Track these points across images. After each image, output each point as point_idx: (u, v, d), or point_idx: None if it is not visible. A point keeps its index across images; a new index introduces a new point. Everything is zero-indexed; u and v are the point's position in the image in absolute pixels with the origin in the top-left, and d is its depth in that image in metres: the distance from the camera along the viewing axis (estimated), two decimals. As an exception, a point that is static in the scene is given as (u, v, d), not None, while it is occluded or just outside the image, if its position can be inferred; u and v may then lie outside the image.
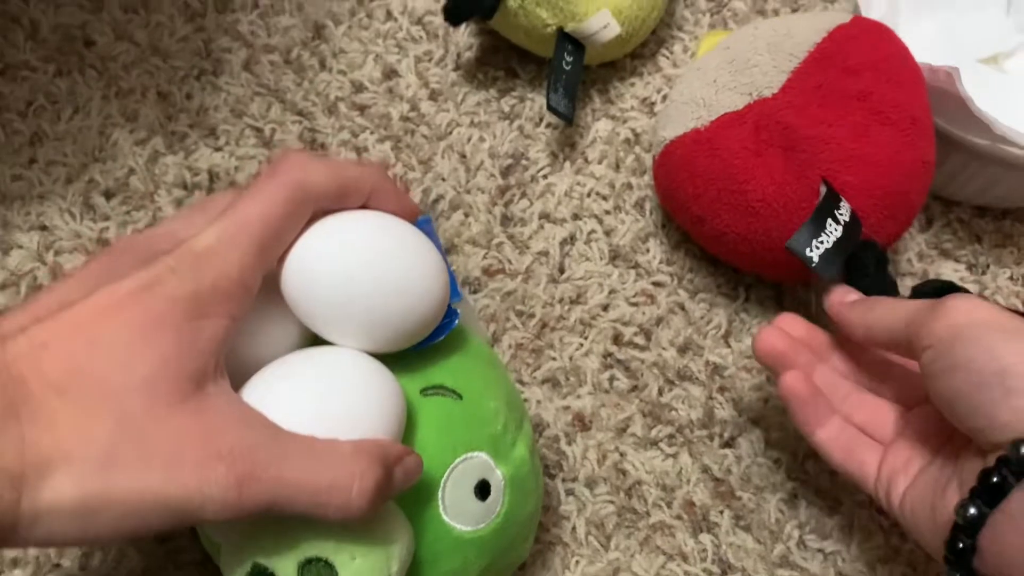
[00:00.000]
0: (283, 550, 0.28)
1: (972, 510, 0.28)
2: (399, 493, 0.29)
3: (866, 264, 0.38)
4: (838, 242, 0.37)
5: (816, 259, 0.37)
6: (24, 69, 0.50)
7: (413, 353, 0.33)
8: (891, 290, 0.37)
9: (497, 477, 0.33)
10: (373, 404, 0.29)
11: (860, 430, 0.36)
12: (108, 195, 0.48)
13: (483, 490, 0.33)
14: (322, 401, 0.29)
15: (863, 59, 0.40)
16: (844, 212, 0.38)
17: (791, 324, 0.38)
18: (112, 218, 0.47)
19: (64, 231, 0.46)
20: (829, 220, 0.37)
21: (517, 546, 0.35)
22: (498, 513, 0.33)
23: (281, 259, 0.30)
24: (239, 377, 0.29)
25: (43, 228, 0.47)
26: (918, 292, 0.37)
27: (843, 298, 0.36)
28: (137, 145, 0.49)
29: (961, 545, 0.28)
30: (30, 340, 0.25)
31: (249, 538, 0.28)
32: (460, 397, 0.33)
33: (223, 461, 0.25)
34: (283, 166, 0.29)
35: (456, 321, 0.34)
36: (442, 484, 0.32)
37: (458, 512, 0.32)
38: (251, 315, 0.30)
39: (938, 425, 0.33)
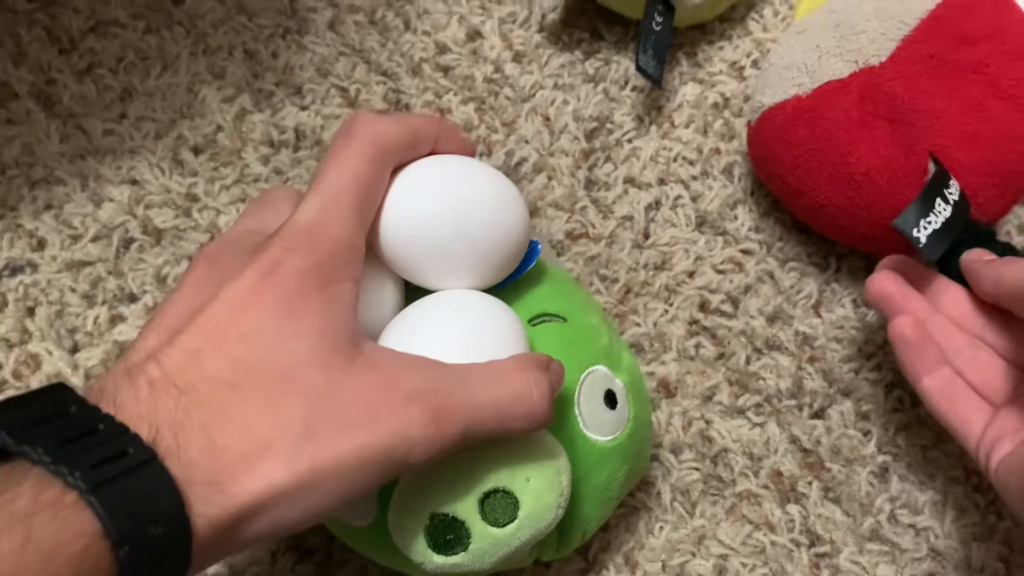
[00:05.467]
0: (459, 493, 0.29)
1: None
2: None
3: (971, 245, 0.37)
4: (947, 222, 0.36)
5: (924, 239, 0.35)
6: (115, 26, 0.51)
7: (506, 289, 0.33)
8: (1006, 253, 0.36)
9: (618, 385, 0.34)
10: (503, 331, 0.30)
11: (971, 388, 0.35)
12: (196, 151, 0.48)
13: (611, 399, 0.34)
14: (464, 335, 0.30)
15: (979, 29, 0.39)
16: (954, 191, 0.36)
17: (902, 265, 0.37)
18: (200, 174, 0.47)
19: (154, 185, 0.47)
20: (938, 199, 0.36)
21: (646, 450, 0.37)
22: (628, 418, 0.34)
23: (374, 219, 0.31)
24: None
25: (134, 182, 0.47)
26: None
27: (981, 256, 0.35)
28: (224, 102, 0.49)
29: None
30: (182, 350, 0.24)
31: (421, 493, 0.29)
32: (565, 320, 0.34)
33: (414, 402, 0.25)
34: (356, 127, 0.30)
35: (539, 248, 0.34)
36: (576, 401, 0.33)
37: (596, 424, 0.33)
38: None
39: None
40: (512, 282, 0.34)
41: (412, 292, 0.33)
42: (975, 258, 0.36)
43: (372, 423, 0.25)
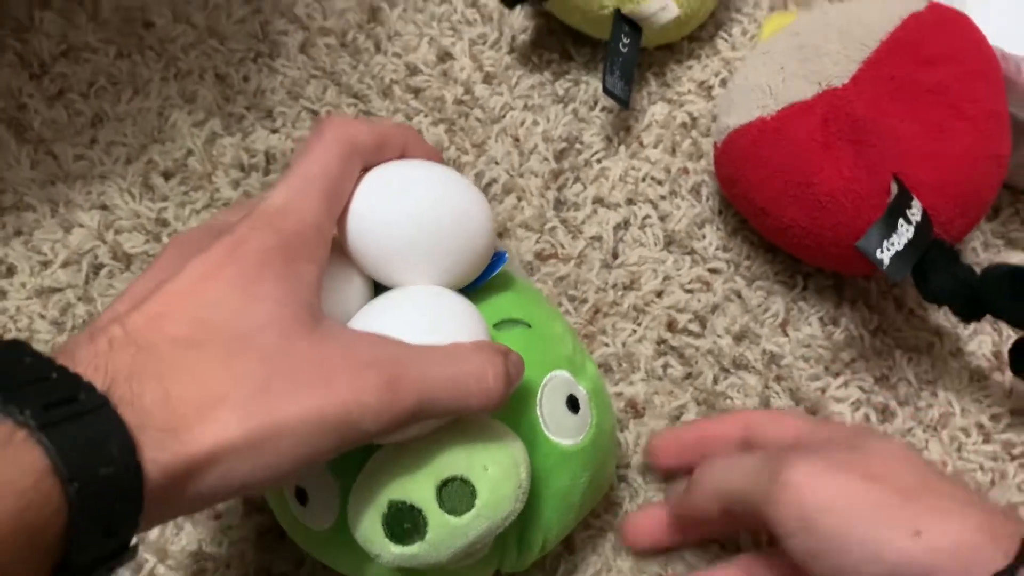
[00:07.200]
0: (417, 479, 0.29)
1: None
2: (513, 388, 0.30)
3: (936, 264, 0.37)
4: (910, 243, 0.36)
5: (887, 261, 0.36)
6: (86, 51, 0.51)
7: (474, 294, 0.34)
8: (967, 278, 0.37)
9: (581, 391, 0.35)
10: (466, 323, 0.31)
11: None
12: (167, 175, 0.48)
13: (573, 404, 0.34)
14: (426, 322, 0.30)
15: (939, 50, 0.39)
16: (916, 212, 0.37)
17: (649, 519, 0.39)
18: (171, 198, 0.48)
19: (124, 210, 0.47)
20: (900, 220, 0.36)
21: (609, 463, 0.37)
22: (591, 424, 0.34)
23: (342, 216, 0.32)
24: None
25: (104, 207, 0.47)
26: (988, 274, 0.36)
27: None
28: (195, 126, 0.49)
29: None
30: (144, 314, 0.25)
31: (380, 480, 0.29)
32: (529, 326, 0.35)
33: (370, 369, 0.26)
34: (328, 127, 0.31)
35: (506, 257, 0.35)
36: (538, 403, 0.33)
37: (558, 427, 0.33)
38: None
39: None
40: (478, 287, 0.35)
41: (381, 292, 0.33)
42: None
43: (327, 386, 0.26)
